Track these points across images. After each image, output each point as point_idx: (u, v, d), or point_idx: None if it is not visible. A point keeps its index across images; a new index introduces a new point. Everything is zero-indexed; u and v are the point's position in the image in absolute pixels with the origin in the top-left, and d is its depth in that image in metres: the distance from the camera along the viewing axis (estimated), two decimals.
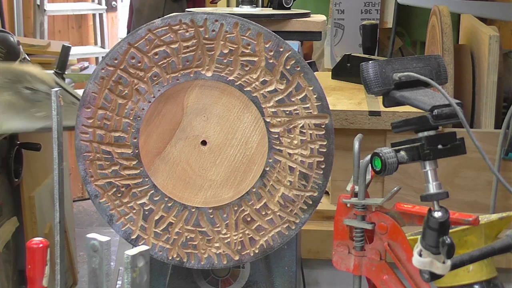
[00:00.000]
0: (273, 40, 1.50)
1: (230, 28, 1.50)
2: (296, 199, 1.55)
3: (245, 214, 1.56)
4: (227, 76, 1.52)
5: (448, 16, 2.17)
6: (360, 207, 1.51)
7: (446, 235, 1.18)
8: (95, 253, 0.77)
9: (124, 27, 5.24)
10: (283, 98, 1.52)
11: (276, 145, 1.53)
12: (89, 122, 1.54)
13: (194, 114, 1.54)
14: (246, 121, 1.53)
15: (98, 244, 0.76)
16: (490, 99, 2.14)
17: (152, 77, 1.52)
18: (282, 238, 1.56)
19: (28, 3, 5.17)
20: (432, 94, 1.23)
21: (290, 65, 1.51)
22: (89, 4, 5.67)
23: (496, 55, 2.11)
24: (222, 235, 1.56)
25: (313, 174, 1.54)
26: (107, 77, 1.52)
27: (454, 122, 1.20)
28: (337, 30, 3.28)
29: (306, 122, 1.53)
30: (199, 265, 1.58)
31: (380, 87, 1.24)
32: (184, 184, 1.56)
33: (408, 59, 1.28)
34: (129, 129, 1.54)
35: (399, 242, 1.47)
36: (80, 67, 3.90)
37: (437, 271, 1.20)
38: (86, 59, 5.04)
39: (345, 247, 1.54)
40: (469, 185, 2.12)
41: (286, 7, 1.93)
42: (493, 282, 1.47)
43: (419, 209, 1.44)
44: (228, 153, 1.54)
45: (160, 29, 1.51)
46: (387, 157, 1.20)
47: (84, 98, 1.54)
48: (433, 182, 1.21)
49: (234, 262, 1.58)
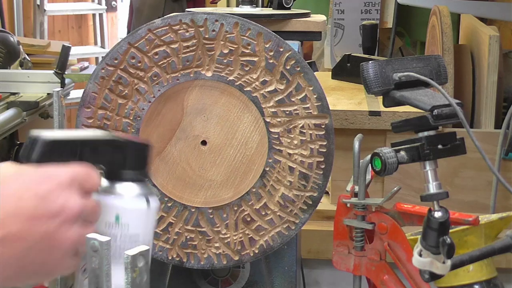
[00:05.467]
0: (273, 40, 1.50)
1: (230, 28, 1.50)
2: (296, 199, 1.55)
3: (245, 214, 1.56)
4: (227, 76, 1.52)
5: (448, 16, 2.17)
6: (360, 207, 1.51)
7: (446, 235, 1.18)
8: (95, 253, 0.76)
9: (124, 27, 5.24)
10: (283, 98, 1.52)
11: (276, 145, 1.53)
12: (89, 122, 1.54)
13: (194, 114, 1.54)
14: (246, 121, 1.53)
15: (98, 244, 0.76)
16: (490, 99, 2.14)
17: (152, 77, 1.52)
18: (282, 238, 1.56)
19: (28, 3, 5.17)
20: (432, 94, 1.23)
21: (290, 65, 1.51)
22: (89, 4, 5.67)
23: (496, 55, 2.11)
24: (222, 235, 1.56)
25: (313, 174, 1.54)
26: (107, 77, 1.52)
27: (454, 122, 1.20)
28: (337, 30, 3.28)
29: (306, 122, 1.52)
30: (199, 265, 1.58)
31: (380, 87, 1.23)
32: (184, 184, 1.56)
33: (408, 59, 1.27)
34: (129, 129, 1.54)
35: (399, 242, 1.47)
36: (80, 67, 3.90)
37: (437, 271, 1.20)
38: (86, 59, 5.04)
39: (345, 247, 1.54)
40: (469, 185, 2.12)
41: (286, 7, 1.92)
42: (493, 282, 1.47)
43: (419, 209, 1.44)
44: (228, 153, 1.54)
45: (160, 29, 1.51)
46: (387, 157, 1.20)
47: (84, 98, 1.54)
48: (433, 182, 1.21)
49: (234, 262, 1.58)
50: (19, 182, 0.78)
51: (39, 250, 0.77)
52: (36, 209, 0.77)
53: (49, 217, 0.77)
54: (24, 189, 0.77)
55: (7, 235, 0.75)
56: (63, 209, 0.78)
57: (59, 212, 0.78)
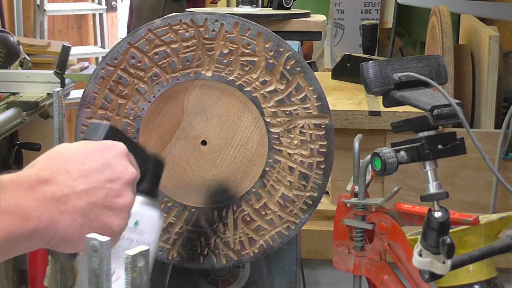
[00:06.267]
0: (273, 40, 1.50)
1: (230, 28, 1.50)
2: (296, 199, 1.55)
3: (245, 214, 1.56)
4: (227, 76, 1.52)
5: (448, 16, 2.17)
6: (360, 207, 1.51)
7: (446, 235, 1.18)
8: (95, 253, 0.76)
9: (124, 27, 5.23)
10: (283, 98, 1.52)
11: (276, 145, 1.53)
12: (89, 122, 1.54)
13: (194, 114, 1.54)
14: (246, 121, 1.53)
15: (98, 244, 0.76)
16: (490, 99, 2.14)
17: (152, 77, 1.52)
18: (282, 238, 1.56)
19: (28, 3, 5.17)
20: (432, 94, 1.23)
21: (290, 65, 1.51)
22: (89, 4, 5.67)
23: (496, 55, 2.11)
24: (222, 235, 1.56)
25: (313, 174, 1.54)
26: (107, 77, 1.52)
27: (454, 122, 1.20)
28: (337, 30, 3.28)
29: (306, 122, 1.53)
30: (199, 265, 1.58)
31: (380, 87, 1.23)
32: (184, 184, 1.56)
33: (408, 59, 1.27)
34: (129, 129, 1.54)
35: (399, 242, 1.47)
36: (80, 67, 3.90)
37: (437, 271, 1.20)
38: (86, 59, 5.04)
39: (345, 247, 1.54)
40: (469, 185, 2.12)
41: (286, 7, 1.92)
42: (493, 282, 1.47)
43: (419, 209, 1.44)
44: (228, 153, 1.54)
45: (160, 29, 1.51)
46: (387, 157, 1.20)
47: (84, 98, 1.54)
48: (433, 182, 1.21)
49: (234, 262, 1.58)
50: (84, 150, 0.89)
51: (102, 207, 0.86)
52: (99, 172, 0.87)
53: (111, 180, 0.87)
54: (89, 154, 0.88)
55: (71, 194, 0.84)
56: (123, 173, 0.89)
57: (120, 176, 0.88)
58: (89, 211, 0.85)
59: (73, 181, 0.85)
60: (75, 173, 0.86)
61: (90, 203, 0.86)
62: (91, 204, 0.86)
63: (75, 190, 0.85)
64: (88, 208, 0.85)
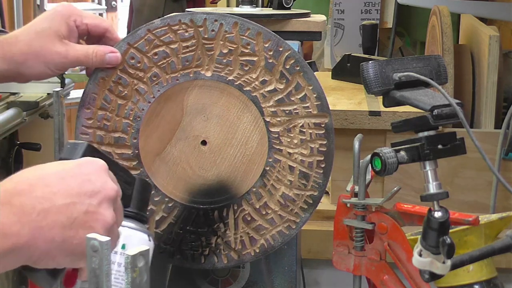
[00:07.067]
0: (272, 39, 1.50)
1: (229, 28, 1.50)
2: (297, 198, 1.55)
3: (246, 214, 1.56)
4: (226, 76, 1.52)
5: (448, 16, 2.17)
6: (360, 207, 1.51)
7: (446, 235, 1.18)
8: (95, 253, 0.76)
9: (124, 27, 5.23)
10: (282, 97, 1.52)
11: (276, 144, 1.53)
12: (89, 123, 1.54)
13: (194, 114, 1.54)
14: (246, 120, 1.53)
15: (98, 244, 0.76)
16: (490, 99, 2.14)
17: (151, 78, 1.52)
18: (283, 237, 1.56)
19: (28, 3, 5.17)
20: (432, 94, 1.23)
21: (289, 64, 1.51)
22: (89, 4, 5.67)
23: (496, 55, 2.11)
24: (223, 235, 1.56)
25: (313, 173, 1.54)
26: (107, 78, 1.52)
27: (454, 122, 1.20)
28: (337, 30, 3.28)
29: (305, 122, 1.53)
30: (199, 265, 1.58)
31: (380, 87, 1.23)
32: (184, 184, 1.56)
33: (408, 59, 1.27)
34: (129, 130, 1.54)
35: (399, 242, 1.47)
36: (80, 67, 3.89)
37: (437, 271, 1.20)
38: None
39: (345, 247, 1.54)
40: (469, 185, 2.12)
41: (286, 7, 1.92)
42: (493, 282, 1.47)
43: (419, 209, 1.44)
44: (228, 152, 1.54)
45: (160, 29, 1.51)
46: (387, 157, 1.20)
47: (84, 99, 1.54)
48: (433, 182, 1.21)
49: (235, 262, 1.58)
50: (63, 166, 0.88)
51: (81, 224, 0.85)
52: (79, 187, 0.86)
53: (91, 195, 0.86)
54: (67, 170, 0.87)
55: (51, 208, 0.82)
56: (103, 188, 0.87)
57: (100, 190, 0.87)
58: (69, 227, 0.84)
59: (53, 195, 0.83)
60: (55, 187, 0.84)
61: (70, 219, 0.84)
62: (71, 219, 0.84)
63: (56, 204, 0.83)
64: (68, 224, 0.84)
